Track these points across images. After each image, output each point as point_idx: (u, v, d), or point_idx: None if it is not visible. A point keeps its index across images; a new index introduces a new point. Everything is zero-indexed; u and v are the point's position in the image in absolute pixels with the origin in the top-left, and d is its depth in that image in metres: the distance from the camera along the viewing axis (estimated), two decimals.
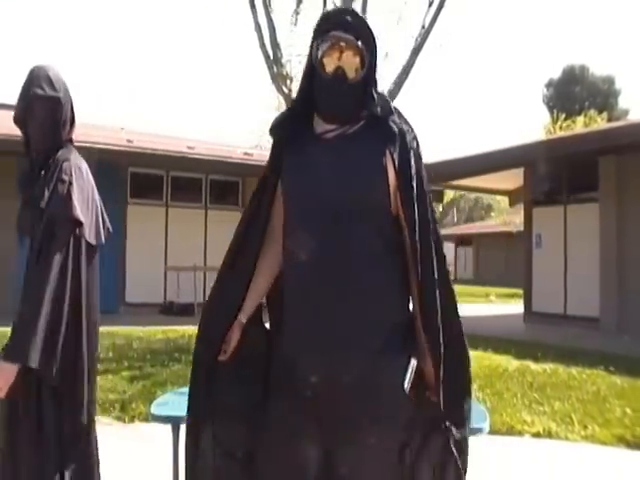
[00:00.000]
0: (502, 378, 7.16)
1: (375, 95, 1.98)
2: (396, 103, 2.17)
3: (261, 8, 9.01)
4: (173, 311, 13.08)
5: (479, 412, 3.92)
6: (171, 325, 10.84)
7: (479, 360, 7.96)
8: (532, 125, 59.19)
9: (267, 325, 2.16)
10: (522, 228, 15.22)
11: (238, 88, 60.13)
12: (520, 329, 12.75)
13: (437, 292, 1.89)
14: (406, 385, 1.89)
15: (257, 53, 9.20)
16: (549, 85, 46.74)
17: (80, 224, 2.42)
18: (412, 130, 2.01)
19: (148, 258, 13.60)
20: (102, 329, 2.67)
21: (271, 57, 8.97)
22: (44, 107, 2.48)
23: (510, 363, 8.16)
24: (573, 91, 43.37)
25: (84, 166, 2.57)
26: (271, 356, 2.03)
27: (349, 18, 1.94)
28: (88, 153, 11.37)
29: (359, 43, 1.92)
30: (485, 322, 13.33)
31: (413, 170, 1.93)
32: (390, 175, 1.92)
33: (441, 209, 27.48)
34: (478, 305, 19.04)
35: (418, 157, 1.97)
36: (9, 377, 2.30)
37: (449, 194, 25.21)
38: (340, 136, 1.96)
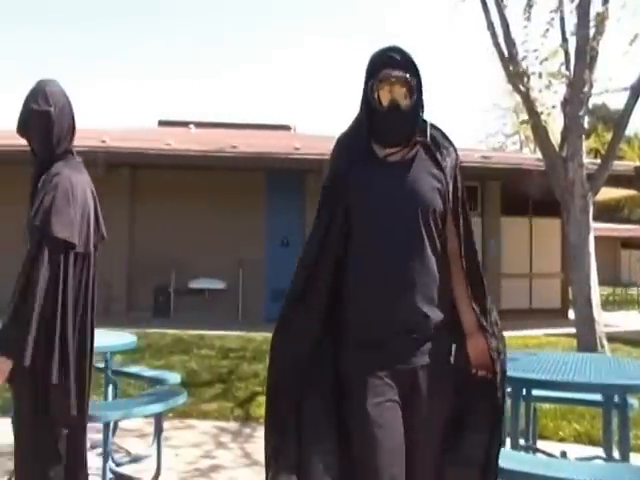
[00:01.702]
0: None
1: (424, 121, 2.33)
2: None
3: (493, 6, 8.74)
4: None
5: None
6: None
7: None
8: None
9: None
10: None
11: (467, 88, 59.04)
12: None
13: (484, 283, 2.37)
14: (452, 360, 2.38)
15: (482, 53, 8.95)
16: None
17: (57, 238, 2.65)
18: (454, 149, 2.40)
19: None
20: None
21: (506, 55, 8.66)
22: (39, 120, 2.73)
23: None
24: None
25: (78, 178, 2.80)
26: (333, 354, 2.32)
27: (395, 56, 2.24)
28: (318, 165, 11.69)
29: (407, 76, 2.23)
30: None
31: (459, 192, 2.35)
32: (442, 193, 2.31)
33: None
34: None
35: (459, 174, 2.37)
36: (5, 368, 2.62)
37: None
38: (401, 159, 2.31)
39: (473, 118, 57.29)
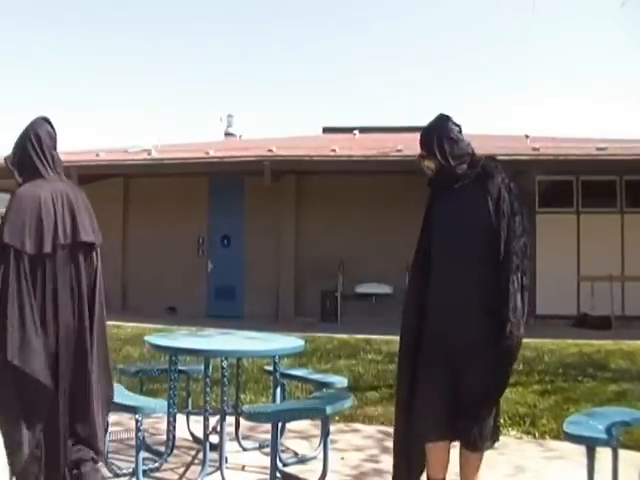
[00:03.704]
0: None
1: (473, 159, 3.40)
2: None
3: None
4: (587, 324, 12.39)
5: None
6: (585, 339, 10.29)
7: None
8: None
9: None
10: None
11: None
12: None
13: (514, 280, 3.14)
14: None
15: None
16: None
17: (9, 245, 3.06)
18: (500, 174, 3.33)
19: (560, 268, 13.14)
20: None
21: None
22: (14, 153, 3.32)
23: None
24: None
25: (35, 190, 3.19)
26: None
27: (421, 141, 3.42)
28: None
29: (428, 153, 3.38)
30: None
31: (505, 206, 3.24)
32: (490, 209, 3.22)
33: None
34: None
35: (508, 192, 3.28)
36: None
37: None
38: (459, 187, 3.35)
39: None
